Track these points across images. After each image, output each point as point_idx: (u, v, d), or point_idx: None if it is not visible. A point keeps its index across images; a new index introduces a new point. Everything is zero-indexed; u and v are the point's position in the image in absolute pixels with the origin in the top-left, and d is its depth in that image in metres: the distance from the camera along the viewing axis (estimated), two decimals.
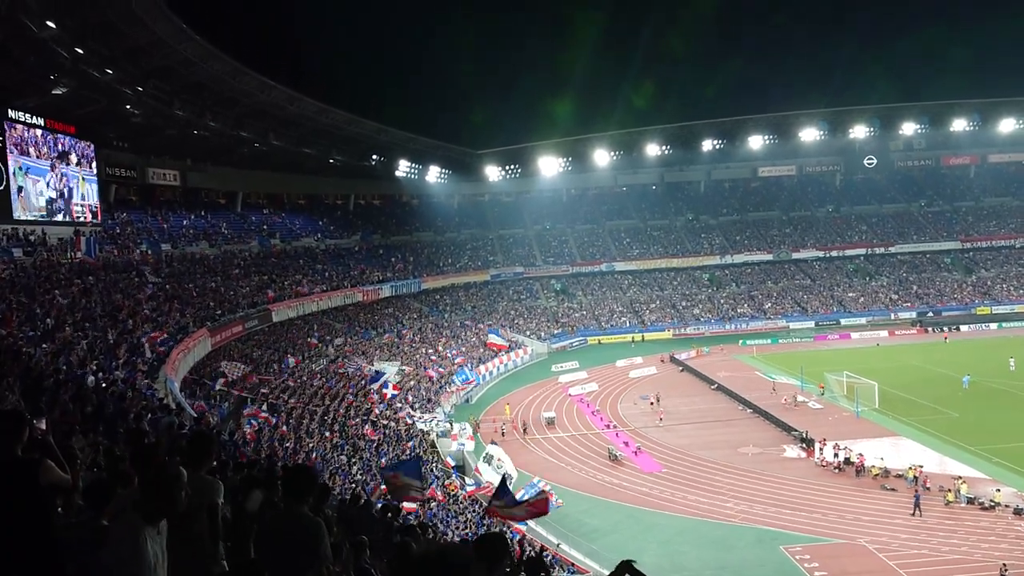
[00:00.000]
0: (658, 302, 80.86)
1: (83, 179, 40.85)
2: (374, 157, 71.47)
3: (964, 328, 72.50)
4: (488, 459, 35.41)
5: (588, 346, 72.49)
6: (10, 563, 3.83)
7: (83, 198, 41.01)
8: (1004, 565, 23.10)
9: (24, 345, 20.77)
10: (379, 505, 17.46)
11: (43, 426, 7.55)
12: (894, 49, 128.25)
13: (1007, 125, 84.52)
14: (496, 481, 28.94)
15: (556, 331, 74.04)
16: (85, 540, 3.81)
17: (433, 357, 56.50)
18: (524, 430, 44.15)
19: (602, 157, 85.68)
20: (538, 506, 17.78)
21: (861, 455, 34.66)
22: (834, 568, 24.96)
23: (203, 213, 57.96)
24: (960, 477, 31.43)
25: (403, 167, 75.70)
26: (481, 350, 62.21)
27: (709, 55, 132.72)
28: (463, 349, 60.91)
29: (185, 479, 3.78)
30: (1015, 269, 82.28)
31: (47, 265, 33.62)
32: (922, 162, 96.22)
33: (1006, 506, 29.05)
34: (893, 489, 31.39)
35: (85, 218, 41.04)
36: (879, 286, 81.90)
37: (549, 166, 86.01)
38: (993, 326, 72.88)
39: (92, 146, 41.69)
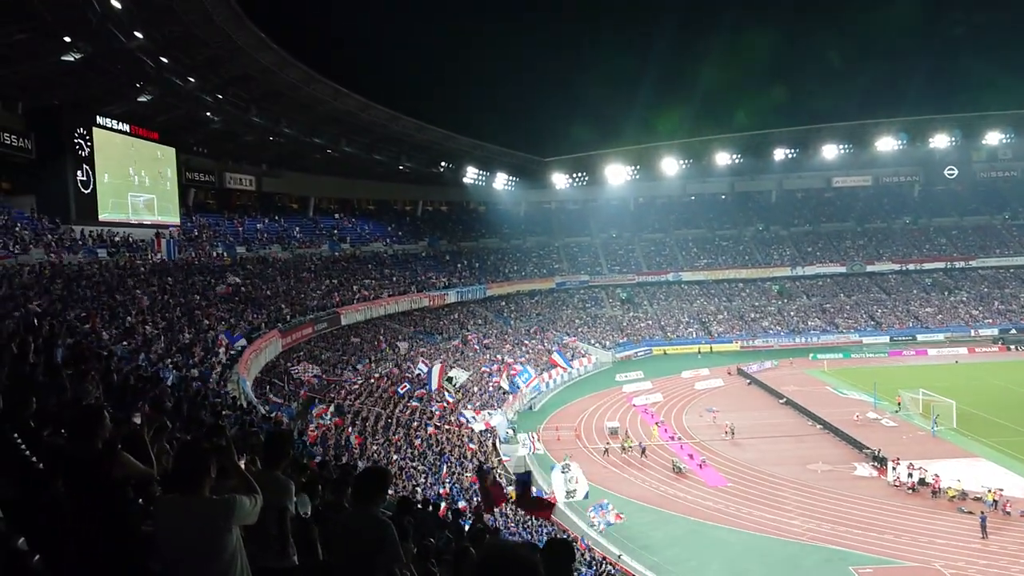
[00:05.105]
0: (726, 313, 79.49)
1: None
2: (442, 164, 72.26)
3: None
4: (566, 469, 34.95)
5: (653, 356, 71.64)
6: (93, 553, 3.99)
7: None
8: None
9: (107, 343, 21.61)
10: (448, 509, 17.63)
11: (137, 421, 7.81)
12: (978, 57, 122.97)
13: None
14: (560, 488, 28.85)
15: (621, 340, 73.48)
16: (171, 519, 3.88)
17: (496, 365, 56.64)
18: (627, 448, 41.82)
19: (670, 165, 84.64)
20: (546, 508, 19.01)
21: (937, 476, 33.38)
22: None
23: (276, 217, 59.54)
24: None
25: (470, 174, 76.30)
26: (545, 357, 62.14)
27: (781, 64, 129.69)
28: (528, 356, 60.94)
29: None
30: None
31: (129, 265, 34.98)
32: (1007, 173, 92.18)
33: None
34: (970, 512, 30.12)
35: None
36: (959, 301, 78.80)
37: (616, 174, 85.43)
38: None
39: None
